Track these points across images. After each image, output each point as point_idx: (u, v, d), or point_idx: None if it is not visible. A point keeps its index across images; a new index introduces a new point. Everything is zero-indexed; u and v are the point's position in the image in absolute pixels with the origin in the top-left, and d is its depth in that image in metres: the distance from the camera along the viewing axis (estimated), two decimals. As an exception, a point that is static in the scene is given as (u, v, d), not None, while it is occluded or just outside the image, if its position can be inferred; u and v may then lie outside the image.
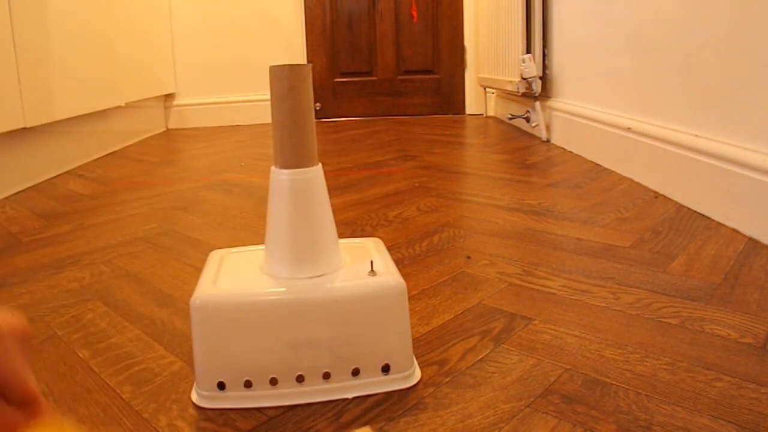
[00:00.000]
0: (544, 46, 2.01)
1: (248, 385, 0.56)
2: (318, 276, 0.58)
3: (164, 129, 2.73)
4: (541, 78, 1.99)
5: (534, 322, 0.71)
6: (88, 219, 1.25)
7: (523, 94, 2.05)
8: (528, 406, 0.54)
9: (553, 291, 0.80)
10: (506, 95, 2.48)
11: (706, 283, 0.81)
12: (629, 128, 1.41)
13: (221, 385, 0.56)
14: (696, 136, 1.16)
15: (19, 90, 1.46)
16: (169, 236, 1.11)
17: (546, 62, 2.01)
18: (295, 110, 0.56)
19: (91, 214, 1.29)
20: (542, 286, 0.82)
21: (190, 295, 0.56)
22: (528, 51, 2.01)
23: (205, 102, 2.77)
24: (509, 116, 2.31)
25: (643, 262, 0.89)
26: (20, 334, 0.33)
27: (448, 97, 2.90)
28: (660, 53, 1.31)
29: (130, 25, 2.25)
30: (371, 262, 0.59)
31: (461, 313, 0.74)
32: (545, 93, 2.01)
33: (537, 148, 1.87)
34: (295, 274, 0.57)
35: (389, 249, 0.96)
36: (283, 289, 0.57)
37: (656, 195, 1.26)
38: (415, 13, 2.82)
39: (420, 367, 0.61)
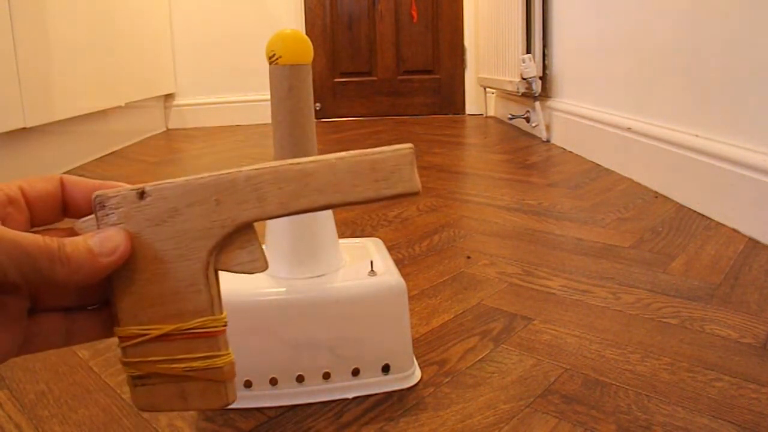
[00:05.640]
0: (544, 46, 2.01)
1: (248, 385, 0.56)
2: (318, 276, 0.58)
3: (164, 129, 2.73)
4: (541, 78, 1.99)
5: (534, 322, 0.71)
6: (88, 219, 1.25)
7: (523, 94, 2.05)
8: (528, 406, 0.54)
9: (553, 291, 0.80)
10: (506, 95, 2.47)
11: (706, 283, 0.81)
12: (629, 128, 1.41)
13: (221, 385, 0.56)
14: (696, 136, 1.16)
15: (19, 90, 1.46)
16: (169, 236, 1.10)
17: (546, 62, 2.01)
18: (295, 110, 0.56)
19: (91, 214, 1.29)
20: (542, 286, 0.82)
21: (190, 295, 0.56)
22: (528, 51, 2.01)
23: (205, 102, 2.77)
24: (509, 116, 2.31)
25: (643, 262, 0.89)
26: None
27: (448, 97, 2.90)
28: (660, 53, 1.31)
29: (130, 25, 2.25)
30: (371, 262, 0.59)
31: (461, 313, 0.74)
32: (545, 93, 2.01)
33: (537, 148, 1.87)
34: (295, 274, 0.57)
35: (389, 249, 0.96)
36: (283, 289, 0.57)
37: (656, 195, 1.26)
38: (415, 13, 2.82)
39: (420, 367, 0.61)
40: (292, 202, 0.28)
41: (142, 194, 0.29)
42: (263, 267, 0.29)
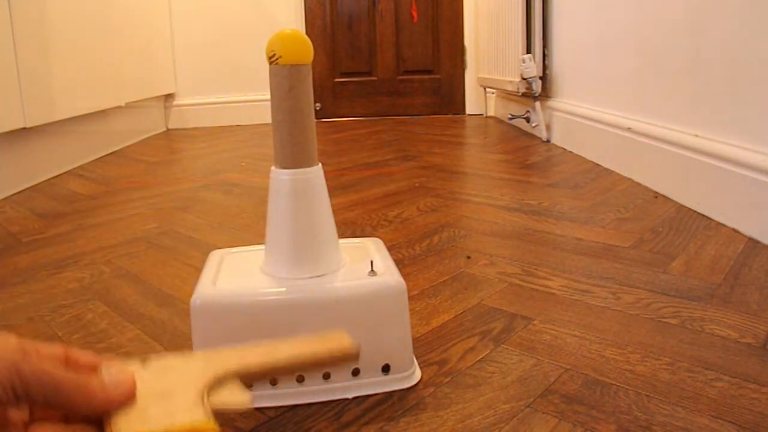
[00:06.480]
0: (544, 46, 2.01)
1: (248, 385, 0.56)
2: (318, 276, 0.58)
3: (164, 129, 2.73)
4: (541, 78, 1.99)
5: (534, 322, 0.71)
6: (88, 219, 1.25)
7: (523, 94, 2.05)
8: (528, 406, 0.54)
9: (553, 291, 0.80)
10: (506, 95, 2.48)
11: (706, 283, 0.81)
12: (629, 128, 1.41)
13: (221, 385, 0.56)
14: (696, 136, 1.16)
15: (19, 90, 1.46)
16: (169, 236, 1.10)
17: (546, 62, 2.01)
18: (295, 110, 0.56)
19: (91, 214, 1.29)
20: (542, 286, 0.82)
21: (190, 295, 0.56)
22: (528, 51, 2.01)
23: (205, 102, 2.77)
24: (509, 116, 2.31)
25: (643, 262, 0.89)
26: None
27: (448, 97, 2.90)
28: (660, 53, 1.31)
29: (130, 25, 2.24)
30: (371, 262, 0.59)
31: (461, 313, 0.74)
32: (545, 93, 2.01)
33: (537, 148, 1.87)
34: (295, 274, 0.57)
35: (389, 249, 0.96)
36: (283, 289, 0.57)
37: (656, 195, 1.26)
38: (415, 14, 2.82)
39: (420, 367, 0.61)
40: (268, 358, 0.40)
41: (144, 361, 0.36)
42: (249, 403, 0.37)
